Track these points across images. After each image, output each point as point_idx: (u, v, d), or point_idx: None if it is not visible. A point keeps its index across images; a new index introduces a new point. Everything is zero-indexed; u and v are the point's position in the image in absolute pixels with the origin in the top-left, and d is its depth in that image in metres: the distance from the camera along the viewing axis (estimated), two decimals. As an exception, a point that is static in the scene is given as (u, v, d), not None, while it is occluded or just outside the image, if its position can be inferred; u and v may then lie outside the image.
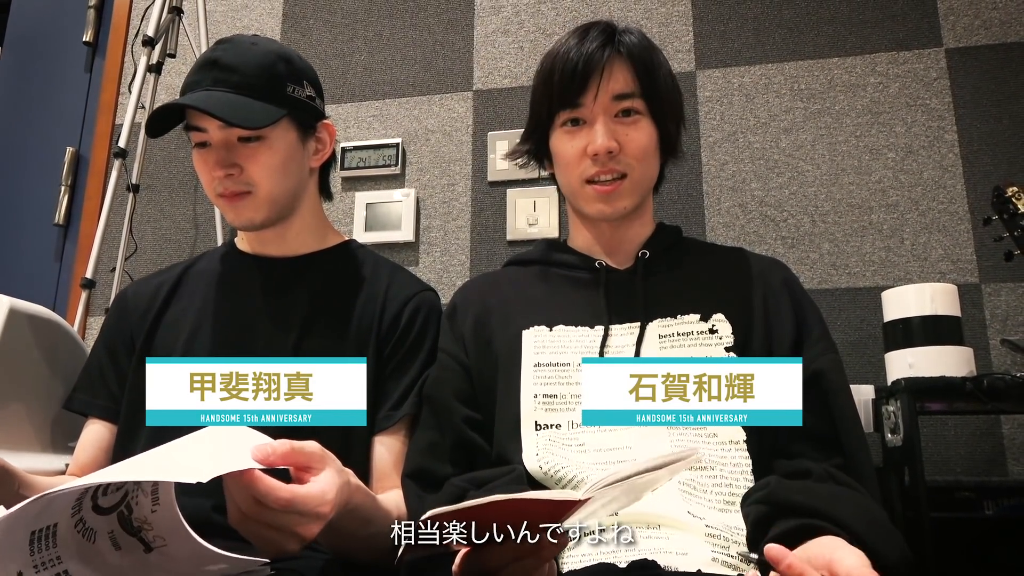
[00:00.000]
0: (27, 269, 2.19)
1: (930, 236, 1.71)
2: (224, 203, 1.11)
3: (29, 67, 2.37)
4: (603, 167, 1.04)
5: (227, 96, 1.06)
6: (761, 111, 1.85)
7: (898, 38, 1.82)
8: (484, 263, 1.89)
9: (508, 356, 1.04)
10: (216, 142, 1.08)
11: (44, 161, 2.25)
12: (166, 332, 1.15)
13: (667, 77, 1.08)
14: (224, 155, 1.08)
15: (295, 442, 0.71)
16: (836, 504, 0.81)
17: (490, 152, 1.95)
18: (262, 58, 1.11)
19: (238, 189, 1.08)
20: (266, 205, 1.11)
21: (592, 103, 1.03)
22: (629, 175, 1.05)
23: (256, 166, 1.08)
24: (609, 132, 1.03)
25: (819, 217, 1.77)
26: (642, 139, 1.05)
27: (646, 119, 1.06)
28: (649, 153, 1.06)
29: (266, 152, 1.09)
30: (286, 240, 1.19)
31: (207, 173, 1.10)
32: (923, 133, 1.77)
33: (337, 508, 0.73)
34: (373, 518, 0.90)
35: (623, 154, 1.04)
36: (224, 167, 1.07)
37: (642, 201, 1.10)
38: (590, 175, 1.05)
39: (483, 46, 2.05)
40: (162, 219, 2.12)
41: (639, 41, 1.07)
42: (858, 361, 1.66)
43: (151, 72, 1.95)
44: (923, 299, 1.38)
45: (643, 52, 1.06)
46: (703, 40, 1.92)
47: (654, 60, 1.07)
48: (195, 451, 0.67)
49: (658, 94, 1.06)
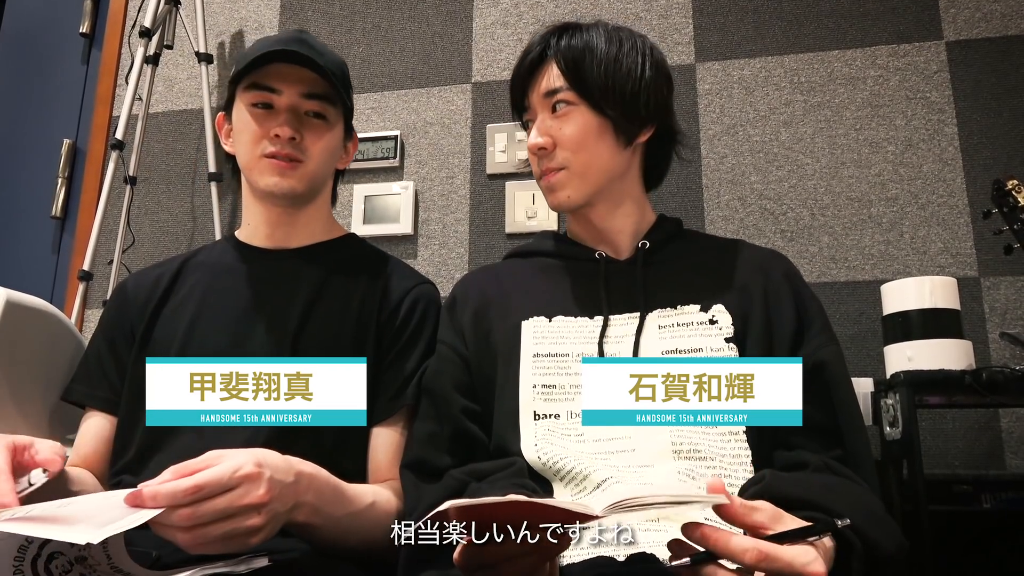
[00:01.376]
0: (24, 261, 2.18)
1: (929, 229, 1.71)
2: (272, 166, 1.13)
3: (25, 58, 2.35)
4: (543, 166, 1.09)
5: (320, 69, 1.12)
6: (761, 104, 1.85)
7: (898, 31, 1.81)
8: (483, 256, 1.89)
9: (507, 347, 1.04)
10: (284, 107, 1.12)
11: (41, 153, 2.24)
12: (166, 323, 1.15)
13: (610, 63, 1.06)
14: (293, 119, 1.12)
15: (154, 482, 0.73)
16: (831, 495, 0.81)
17: (489, 145, 1.94)
18: (336, 57, 1.21)
19: (295, 155, 1.12)
20: (308, 179, 1.14)
21: (531, 104, 1.10)
22: (567, 167, 1.07)
23: (316, 141, 1.14)
24: (542, 129, 1.07)
25: (818, 210, 1.77)
26: (574, 130, 1.06)
27: (580, 108, 1.06)
28: (586, 142, 1.06)
29: (327, 132, 1.15)
30: (295, 228, 1.20)
31: (262, 132, 1.12)
32: (923, 126, 1.76)
33: (273, 466, 0.77)
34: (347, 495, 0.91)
35: (559, 148, 1.07)
36: (293, 128, 1.11)
37: (602, 190, 1.09)
38: (538, 174, 1.11)
39: (482, 38, 2.04)
40: (159, 211, 2.11)
41: (576, 39, 1.08)
42: (857, 354, 1.66)
43: (148, 63, 1.95)
44: (922, 292, 1.38)
45: (573, 49, 1.07)
46: (702, 32, 1.92)
47: (588, 50, 1.07)
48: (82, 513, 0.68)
49: (589, 82, 1.05)
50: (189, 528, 0.71)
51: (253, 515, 0.74)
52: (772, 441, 0.94)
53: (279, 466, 0.79)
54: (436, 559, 0.87)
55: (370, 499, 0.97)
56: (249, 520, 0.74)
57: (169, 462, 1.04)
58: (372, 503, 0.97)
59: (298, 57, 1.10)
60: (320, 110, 1.14)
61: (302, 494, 0.82)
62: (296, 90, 1.12)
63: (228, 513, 0.72)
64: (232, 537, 0.73)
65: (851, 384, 0.98)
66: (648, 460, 0.91)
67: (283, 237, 1.20)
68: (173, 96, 2.19)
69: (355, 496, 0.94)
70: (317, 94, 1.13)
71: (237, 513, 0.73)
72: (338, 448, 1.07)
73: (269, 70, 1.12)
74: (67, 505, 0.70)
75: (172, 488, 0.70)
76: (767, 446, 0.93)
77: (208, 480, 0.71)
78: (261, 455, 0.77)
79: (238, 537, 0.74)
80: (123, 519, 0.65)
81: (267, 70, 1.12)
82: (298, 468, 0.82)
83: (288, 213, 1.19)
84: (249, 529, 0.74)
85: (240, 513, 0.73)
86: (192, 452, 1.03)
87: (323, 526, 0.88)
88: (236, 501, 0.73)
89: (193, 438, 1.05)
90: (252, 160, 1.14)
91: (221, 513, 0.72)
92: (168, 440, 1.07)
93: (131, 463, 1.08)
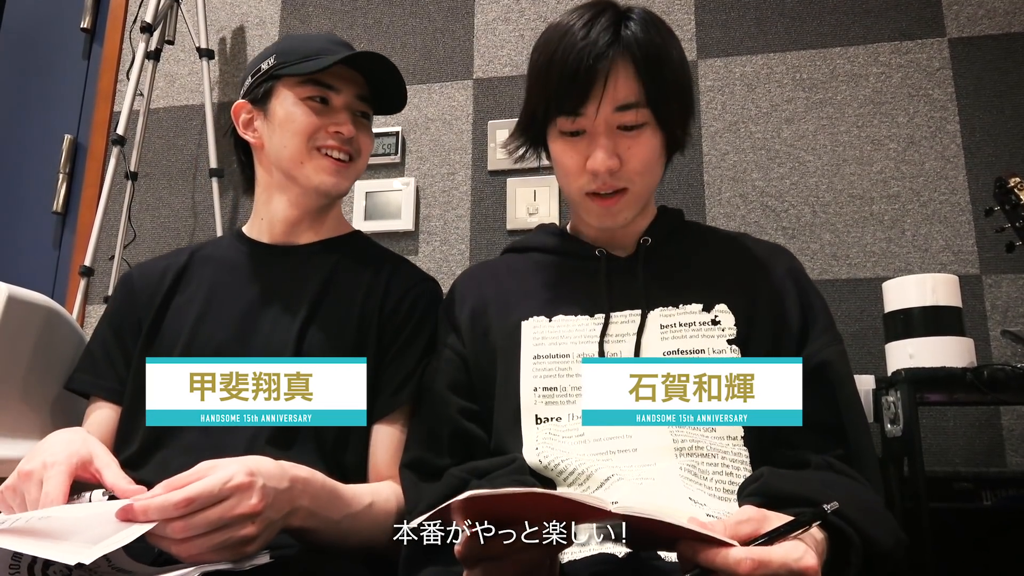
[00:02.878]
0: (26, 257, 2.18)
1: (931, 227, 1.71)
2: (330, 165, 1.15)
3: (26, 54, 2.35)
4: (603, 183, 0.99)
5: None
6: (763, 101, 1.84)
7: (901, 28, 1.81)
8: (484, 253, 1.89)
9: (507, 347, 1.02)
10: (341, 105, 1.15)
11: (42, 149, 2.24)
12: (173, 317, 1.15)
13: (676, 72, 0.99)
14: (352, 119, 1.15)
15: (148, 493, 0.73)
16: (826, 490, 0.80)
17: (490, 141, 1.94)
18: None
19: (348, 150, 1.15)
20: (354, 179, 1.19)
21: (594, 114, 0.95)
22: (630, 189, 1.00)
23: (366, 140, 1.18)
24: (610, 150, 0.96)
25: (820, 207, 1.77)
26: (645, 153, 0.98)
27: (651, 128, 0.98)
28: (653, 164, 1.00)
29: (370, 134, 1.21)
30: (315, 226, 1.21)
31: (320, 124, 1.14)
32: (925, 124, 1.76)
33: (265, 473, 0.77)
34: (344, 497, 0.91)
35: (624, 169, 0.98)
36: (355, 126, 1.15)
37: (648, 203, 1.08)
38: (590, 189, 1.00)
39: (484, 34, 2.03)
40: (160, 207, 2.11)
41: (646, 31, 0.97)
42: (859, 352, 1.66)
43: (149, 59, 1.94)
44: (924, 290, 1.37)
45: (650, 47, 0.96)
46: (705, 29, 1.91)
47: (662, 55, 0.97)
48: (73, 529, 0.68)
49: (665, 99, 0.97)
50: (183, 540, 0.71)
51: (247, 525, 0.74)
52: (774, 441, 0.93)
53: (272, 473, 0.79)
54: (437, 556, 0.87)
55: (368, 500, 0.96)
56: (243, 530, 0.74)
57: (173, 458, 1.04)
58: (371, 504, 0.96)
59: (383, 63, 1.14)
60: (368, 111, 1.19)
61: (297, 499, 0.82)
62: (352, 91, 1.15)
63: (221, 524, 0.72)
64: (227, 547, 0.73)
65: (855, 383, 0.97)
66: (650, 459, 0.91)
67: (298, 234, 1.20)
68: (174, 92, 2.19)
69: (353, 498, 0.94)
70: (367, 96, 1.17)
71: (230, 523, 0.73)
72: (339, 444, 1.07)
73: (335, 70, 1.15)
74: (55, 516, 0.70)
75: (163, 502, 0.70)
76: (768, 448, 0.93)
77: (199, 492, 0.71)
78: (253, 463, 0.77)
79: (233, 547, 0.74)
80: (115, 535, 0.65)
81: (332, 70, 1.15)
82: (292, 473, 0.82)
83: (319, 211, 1.19)
84: (243, 539, 0.74)
85: (234, 523, 0.73)
86: (196, 448, 1.03)
87: (321, 530, 0.87)
88: (228, 512, 0.73)
89: (197, 434, 1.05)
90: (301, 153, 1.13)
91: (214, 524, 0.72)
92: (171, 436, 1.07)
93: (133, 457, 1.08)
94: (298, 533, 0.86)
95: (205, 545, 0.72)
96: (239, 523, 0.73)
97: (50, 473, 0.83)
